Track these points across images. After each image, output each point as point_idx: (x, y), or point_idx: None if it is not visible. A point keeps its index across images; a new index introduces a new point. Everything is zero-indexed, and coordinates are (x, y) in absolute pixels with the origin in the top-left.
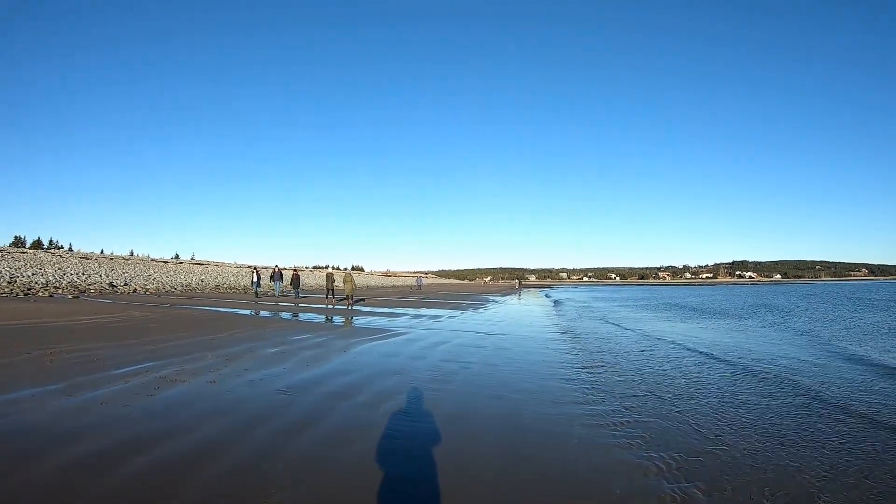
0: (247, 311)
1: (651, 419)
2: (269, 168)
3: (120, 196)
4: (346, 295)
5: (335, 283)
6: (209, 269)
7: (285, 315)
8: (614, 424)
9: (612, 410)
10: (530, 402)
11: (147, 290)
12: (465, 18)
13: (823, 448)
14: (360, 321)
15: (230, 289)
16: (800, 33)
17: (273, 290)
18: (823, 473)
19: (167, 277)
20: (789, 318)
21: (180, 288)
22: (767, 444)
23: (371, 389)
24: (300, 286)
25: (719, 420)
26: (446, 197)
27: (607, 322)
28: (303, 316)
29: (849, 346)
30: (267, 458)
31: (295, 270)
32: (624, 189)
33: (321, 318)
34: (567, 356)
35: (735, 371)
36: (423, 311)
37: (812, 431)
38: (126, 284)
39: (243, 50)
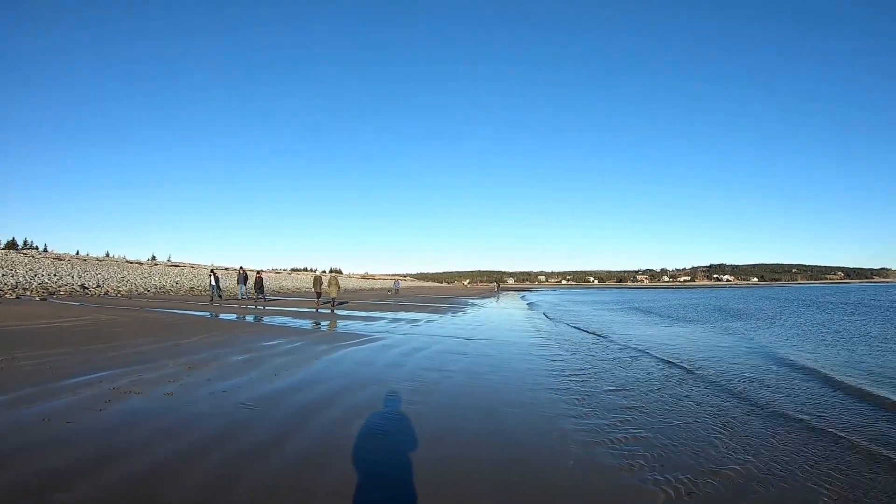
0: (219, 316)
1: (649, 434)
2: (248, 170)
3: (98, 196)
4: (331, 298)
5: (323, 286)
6: (185, 270)
7: (256, 319)
8: (611, 441)
9: (607, 425)
10: (519, 417)
11: (119, 292)
12: (441, 20)
13: (835, 471)
14: (335, 325)
15: (205, 291)
16: (780, 34)
17: (237, 293)
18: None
19: (141, 279)
20: (773, 327)
21: (153, 290)
22: (776, 464)
23: (344, 403)
24: (264, 289)
25: (721, 437)
26: (425, 199)
27: (589, 327)
28: (276, 320)
29: (834, 361)
30: (221, 491)
31: (258, 273)
32: (602, 192)
33: (294, 323)
34: (552, 363)
35: (723, 386)
36: (402, 314)
37: (813, 452)
38: (98, 286)
39: (223, 52)
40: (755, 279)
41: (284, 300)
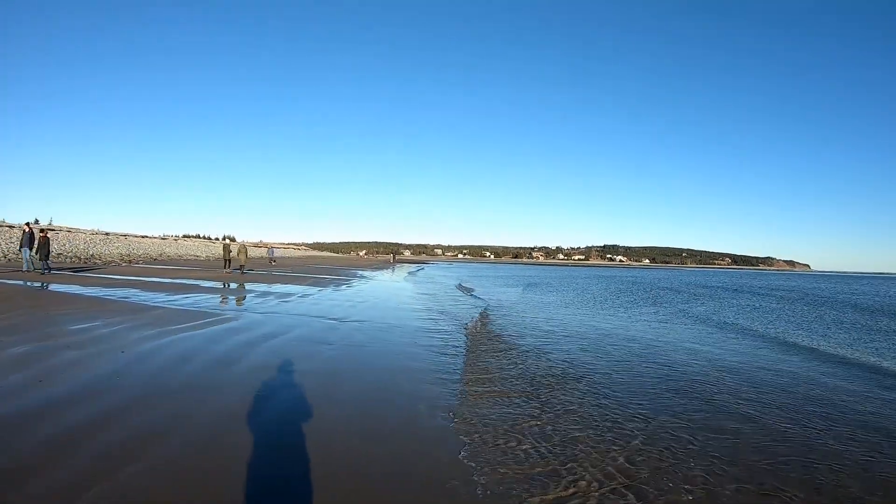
0: (57, 287)
1: None
2: (141, 129)
3: None
4: (240, 265)
5: (231, 254)
6: (59, 235)
7: (89, 292)
8: None
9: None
10: (392, 478)
11: None
12: None
13: None
14: (188, 300)
15: (77, 258)
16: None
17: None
18: None
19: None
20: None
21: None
22: None
23: (118, 431)
24: (49, 255)
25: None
26: (326, 167)
27: (490, 306)
28: (119, 293)
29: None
30: None
31: (43, 232)
32: (503, 168)
33: (140, 296)
34: (444, 359)
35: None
36: (276, 287)
37: None
38: None
39: None
40: (647, 261)
41: (152, 269)
